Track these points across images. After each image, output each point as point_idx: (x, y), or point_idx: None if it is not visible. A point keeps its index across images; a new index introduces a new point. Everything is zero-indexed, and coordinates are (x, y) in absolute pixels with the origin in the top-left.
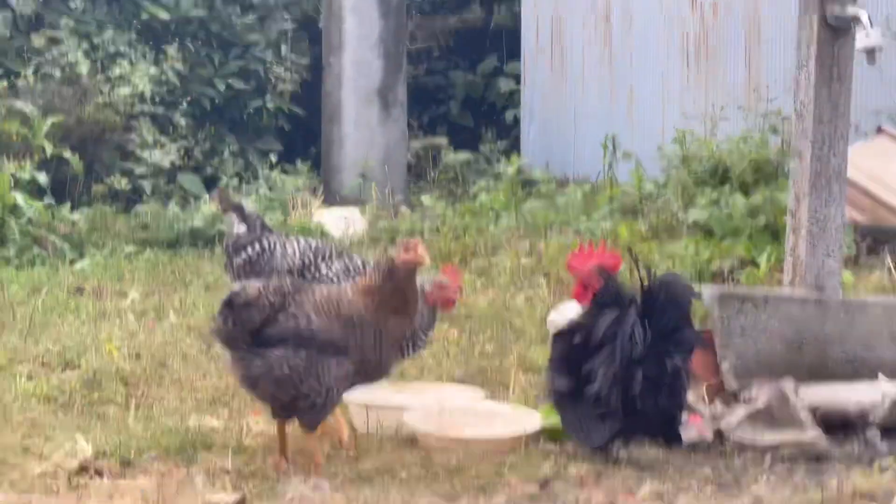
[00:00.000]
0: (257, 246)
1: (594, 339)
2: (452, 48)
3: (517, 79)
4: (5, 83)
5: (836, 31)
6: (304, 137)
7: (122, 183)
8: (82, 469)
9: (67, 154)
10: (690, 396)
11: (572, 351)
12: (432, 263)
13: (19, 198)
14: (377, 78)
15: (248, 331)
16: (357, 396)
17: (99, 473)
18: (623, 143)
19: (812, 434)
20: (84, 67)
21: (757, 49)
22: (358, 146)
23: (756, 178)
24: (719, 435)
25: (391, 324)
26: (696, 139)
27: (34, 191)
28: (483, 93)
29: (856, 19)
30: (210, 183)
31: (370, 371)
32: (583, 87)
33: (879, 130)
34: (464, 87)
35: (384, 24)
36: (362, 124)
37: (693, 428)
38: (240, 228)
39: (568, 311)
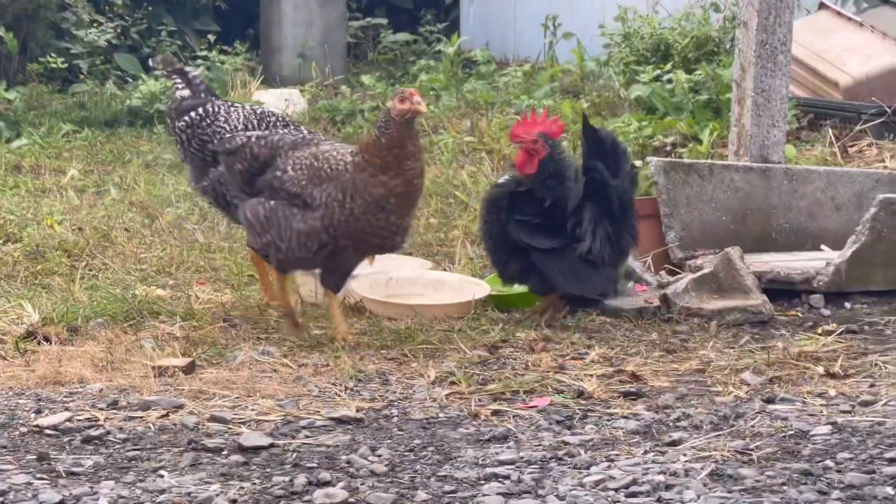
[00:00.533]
0: (200, 110)
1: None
2: None
3: None
4: None
5: None
6: (241, 18)
7: (57, 62)
8: (29, 335)
9: (1, 32)
10: (638, 266)
11: (516, 200)
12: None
13: None
14: None
15: (239, 178)
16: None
17: (47, 339)
18: (564, 23)
19: (758, 299)
20: None
21: None
22: (297, 26)
23: (698, 55)
24: (665, 302)
25: (374, 182)
26: (637, 16)
27: None
28: None
29: None
30: (146, 63)
31: (352, 235)
32: None
33: (821, 6)
34: None
35: None
36: (301, 4)
37: (640, 295)
38: (183, 92)
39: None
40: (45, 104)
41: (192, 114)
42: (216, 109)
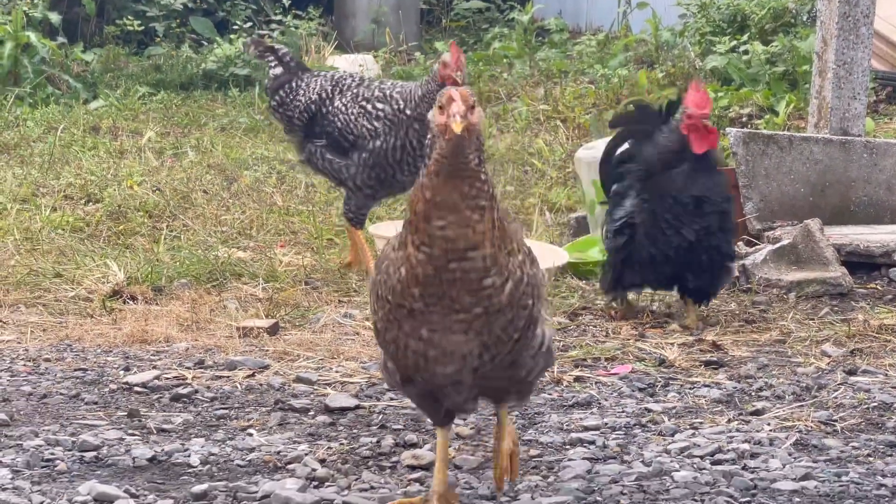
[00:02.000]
0: (287, 87)
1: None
2: None
3: None
4: None
5: None
6: None
7: (134, 24)
8: (115, 293)
9: None
10: None
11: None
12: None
13: (32, 36)
14: None
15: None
16: (385, 231)
17: (132, 298)
18: None
19: (837, 272)
20: None
21: None
22: None
23: (775, 27)
24: (744, 273)
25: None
26: None
27: (47, 30)
28: None
29: None
30: (221, 26)
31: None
32: None
33: None
34: None
35: None
36: None
37: None
38: (276, 70)
39: (596, 149)
40: (121, 66)
41: (281, 91)
42: (298, 84)
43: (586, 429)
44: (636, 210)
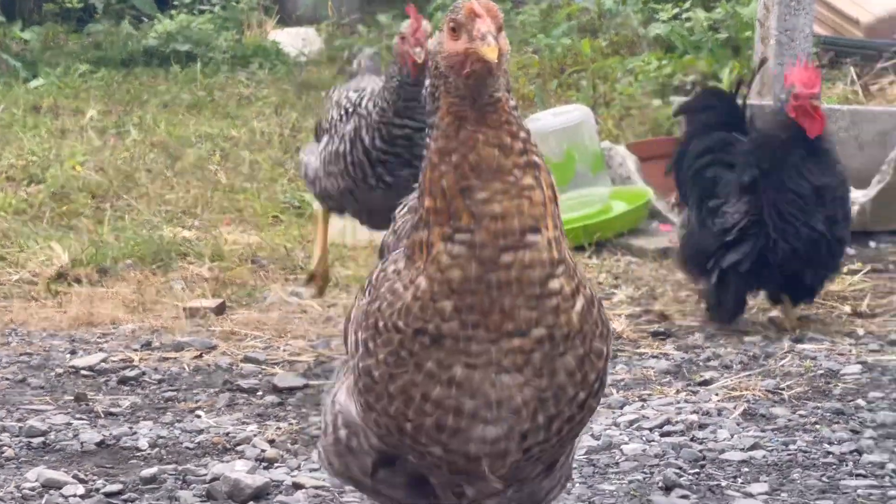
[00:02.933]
0: None
1: None
2: None
3: None
4: None
5: None
6: None
7: (73, 1)
8: (60, 276)
9: None
10: (662, 206)
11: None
12: None
13: None
14: None
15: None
16: None
17: (77, 281)
18: None
19: None
20: None
21: None
22: None
23: None
24: None
25: None
26: None
27: None
28: None
29: None
30: (162, 2)
31: None
32: None
33: None
34: None
35: None
36: None
37: (664, 235)
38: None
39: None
40: (61, 44)
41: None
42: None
43: None
44: (752, 208)
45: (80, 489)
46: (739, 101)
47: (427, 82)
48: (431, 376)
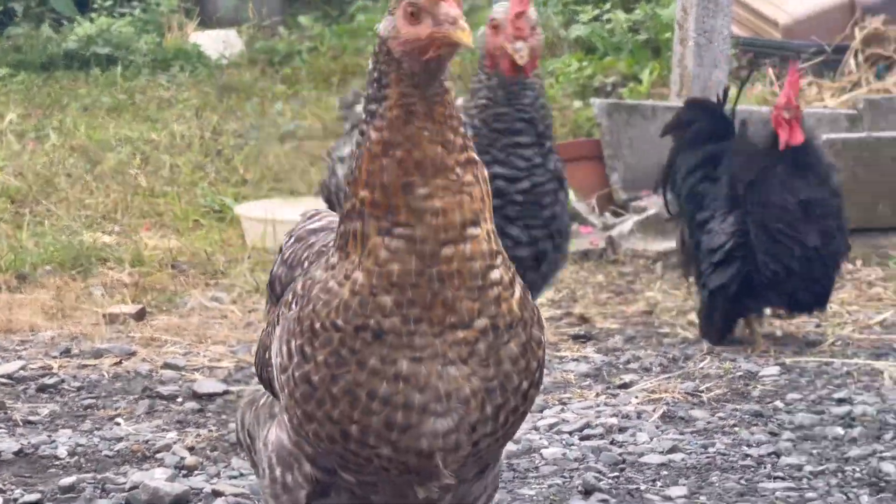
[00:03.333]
0: None
1: None
2: None
3: None
4: None
5: None
6: None
7: None
8: None
9: None
10: (583, 208)
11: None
12: (310, 84)
13: None
14: None
15: None
16: (252, 211)
17: None
18: None
19: None
20: None
21: None
22: None
23: None
24: (611, 244)
25: None
26: None
27: None
28: None
29: None
30: (81, 5)
31: None
32: None
33: None
34: None
35: None
36: None
37: (585, 237)
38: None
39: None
40: None
41: None
42: None
43: None
44: (738, 229)
45: None
46: (727, 109)
47: (370, 66)
48: (376, 373)
